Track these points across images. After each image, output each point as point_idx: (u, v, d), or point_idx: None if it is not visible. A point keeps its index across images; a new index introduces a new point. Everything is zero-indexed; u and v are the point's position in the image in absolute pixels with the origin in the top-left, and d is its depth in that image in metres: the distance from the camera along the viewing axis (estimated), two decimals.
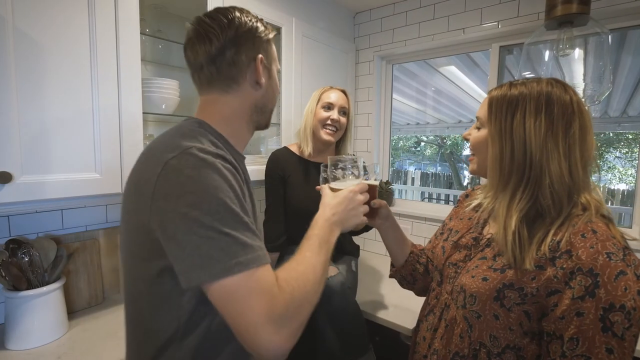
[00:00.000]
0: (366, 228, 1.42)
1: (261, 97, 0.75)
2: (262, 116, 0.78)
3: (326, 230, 0.72)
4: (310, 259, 0.63)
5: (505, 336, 0.70)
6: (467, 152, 7.89)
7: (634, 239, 0.68)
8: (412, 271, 1.00)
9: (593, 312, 0.59)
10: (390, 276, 1.07)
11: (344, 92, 1.51)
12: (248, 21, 0.72)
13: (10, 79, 0.92)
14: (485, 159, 0.76)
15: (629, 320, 0.58)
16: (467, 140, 0.84)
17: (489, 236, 0.80)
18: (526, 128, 0.68)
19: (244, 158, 0.79)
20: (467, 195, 1.02)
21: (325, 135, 1.44)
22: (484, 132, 0.77)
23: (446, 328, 0.80)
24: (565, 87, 0.71)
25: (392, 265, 1.06)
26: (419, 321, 0.93)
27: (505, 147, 0.71)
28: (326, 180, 0.97)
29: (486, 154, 0.76)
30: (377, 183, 0.93)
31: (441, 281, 0.88)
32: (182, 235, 0.54)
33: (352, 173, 0.86)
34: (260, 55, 0.72)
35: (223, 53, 0.69)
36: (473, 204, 0.88)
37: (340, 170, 0.86)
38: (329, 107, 1.45)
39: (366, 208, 0.81)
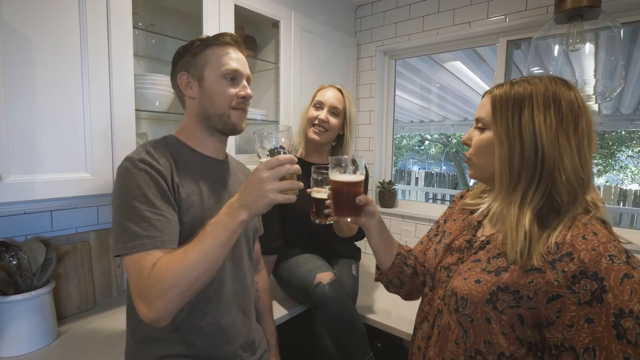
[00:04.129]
0: (359, 235, 1.41)
1: (198, 106, 0.91)
2: (210, 121, 0.91)
3: (227, 217, 0.76)
4: (191, 248, 0.74)
5: (498, 342, 0.70)
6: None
7: (629, 242, 0.69)
8: (399, 274, 0.98)
9: (604, 319, 0.59)
10: (376, 280, 1.04)
11: (340, 90, 1.47)
12: (181, 48, 0.92)
13: None
14: (490, 163, 0.76)
15: (639, 325, 0.58)
16: (467, 144, 0.82)
17: (482, 238, 0.80)
18: (536, 124, 0.69)
19: (217, 159, 0.97)
20: (462, 196, 1.01)
21: (311, 134, 1.43)
22: (488, 134, 0.76)
23: (439, 335, 0.80)
24: (568, 84, 0.72)
25: (377, 268, 1.03)
26: (415, 329, 0.93)
27: (514, 147, 0.71)
28: (316, 182, 0.95)
29: (491, 157, 0.75)
30: (362, 178, 0.89)
31: (433, 286, 0.87)
32: (112, 220, 0.79)
33: (271, 148, 0.79)
34: (180, 73, 0.90)
35: (172, 82, 0.96)
36: (481, 209, 0.86)
37: (266, 142, 0.81)
38: (319, 105, 1.44)
39: (281, 185, 0.74)
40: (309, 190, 0.99)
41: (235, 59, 0.91)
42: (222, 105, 0.90)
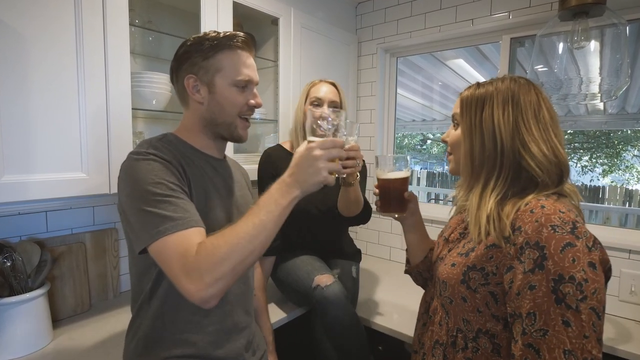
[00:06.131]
0: (361, 217, 1.39)
1: (205, 112, 0.90)
2: (217, 128, 0.92)
3: (277, 193, 0.75)
4: (242, 222, 0.73)
5: (475, 319, 0.76)
6: None
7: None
8: (429, 267, 1.02)
9: (545, 285, 0.64)
10: (406, 272, 1.10)
11: (333, 84, 1.49)
12: (188, 45, 0.88)
13: None
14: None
15: (581, 292, 0.62)
16: (445, 142, 0.90)
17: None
18: (495, 120, 0.77)
19: (217, 159, 0.97)
20: None
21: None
22: (460, 130, 0.84)
23: (429, 320, 0.88)
24: (529, 83, 0.80)
25: (407, 261, 1.08)
26: (417, 320, 0.99)
27: (475, 141, 0.79)
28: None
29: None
30: (408, 175, 0.95)
31: (432, 276, 0.94)
32: (128, 216, 0.78)
33: (330, 128, 0.83)
34: (188, 76, 0.87)
35: (172, 77, 0.93)
36: (450, 195, 0.93)
37: (323, 124, 0.83)
38: (318, 103, 1.45)
39: (333, 167, 0.77)
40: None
41: (249, 65, 0.90)
42: (231, 114, 0.90)
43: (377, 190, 0.98)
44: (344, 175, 1.04)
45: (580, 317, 0.61)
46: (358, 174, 1.00)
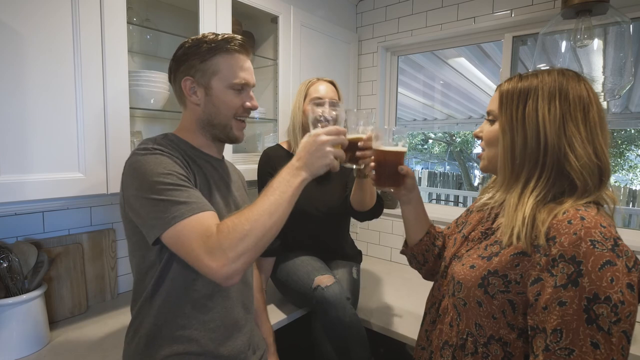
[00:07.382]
0: (374, 211, 1.39)
1: (202, 113, 0.92)
2: (214, 130, 0.94)
3: (288, 174, 0.80)
4: (259, 201, 0.77)
5: (489, 325, 0.74)
6: (478, 149, 7.89)
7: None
8: (424, 251, 1.02)
9: (576, 302, 0.60)
10: (401, 252, 1.10)
11: (332, 82, 1.51)
12: (186, 46, 0.90)
13: None
14: (497, 154, 0.79)
15: (615, 314, 0.59)
16: (480, 137, 0.86)
17: (495, 228, 0.83)
18: (539, 115, 0.72)
19: (217, 158, 1.00)
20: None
21: None
22: (497, 125, 0.79)
23: (439, 318, 0.86)
24: (578, 77, 0.74)
25: (405, 242, 1.09)
26: (425, 314, 0.98)
27: (516, 137, 0.74)
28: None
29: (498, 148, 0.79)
30: (405, 149, 0.95)
31: (446, 273, 0.92)
32: (138, 209, 0.79)
33: (330, 120, 0.91)
34: (185, 78, 0.89)
35: (170, 78, 0.95)
36: (484, 198, 0.89)
37: (325, 115, 0.91)
38: (318, 102, 1.46)
39: (338, 152, 0.83)
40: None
41: (246, 69, 0.92)
42: (227, 116, 0.92)
43: (373, 164, 0.97)
44: (362, 167, 1.04)
45: (610, 340, 0.59)
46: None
